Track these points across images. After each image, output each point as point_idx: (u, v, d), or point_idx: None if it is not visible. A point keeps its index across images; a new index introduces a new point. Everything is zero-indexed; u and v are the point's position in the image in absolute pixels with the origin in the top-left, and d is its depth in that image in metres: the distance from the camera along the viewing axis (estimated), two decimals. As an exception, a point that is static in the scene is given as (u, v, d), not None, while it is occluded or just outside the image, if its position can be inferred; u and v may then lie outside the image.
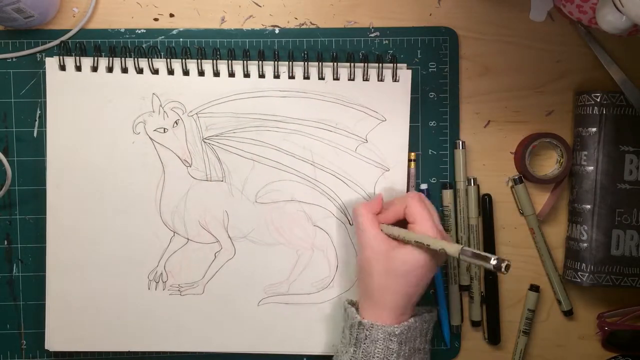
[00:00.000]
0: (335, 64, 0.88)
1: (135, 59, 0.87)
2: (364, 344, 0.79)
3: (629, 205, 0.90)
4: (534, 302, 0.93)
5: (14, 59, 0.89)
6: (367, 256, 0.81)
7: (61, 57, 0.87)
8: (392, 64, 0.88)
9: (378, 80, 0.88)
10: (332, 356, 0.88)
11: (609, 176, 0.89)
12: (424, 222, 0.79)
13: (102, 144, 0.87)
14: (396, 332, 0.79)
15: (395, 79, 0.88)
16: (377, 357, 0.78)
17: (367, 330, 0.79)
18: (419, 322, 0.82)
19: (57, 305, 0.89)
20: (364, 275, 0.82)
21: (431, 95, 0.92)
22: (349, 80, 0.88)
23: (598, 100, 0.89)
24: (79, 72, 0.87)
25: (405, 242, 0.80)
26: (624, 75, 0.90)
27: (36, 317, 0.90)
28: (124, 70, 0.87)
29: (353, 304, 0.86)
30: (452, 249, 0.73)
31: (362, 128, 0.89)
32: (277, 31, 0.91)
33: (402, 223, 0.83)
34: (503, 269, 0.68)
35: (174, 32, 0.90)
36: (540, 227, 0.93)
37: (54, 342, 0.89)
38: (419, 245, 0.78)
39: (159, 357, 0.92)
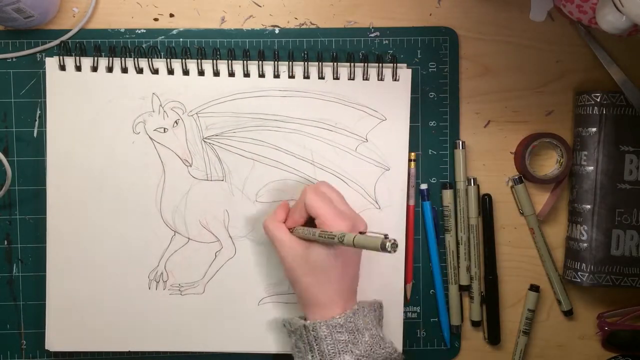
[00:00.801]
0: (335, 63, 0.88)
1: (135, 59, 0.87)
2: (316, 345, 0.78)
3: (629, 205, 0.90)
4: (534, 302, 0.93)
5: (14, 59, 0.89)
6: (287, 266, 0.81)
7: (61, 57, 0.87)
8: (392, 64, 0.88)
9: (378, 80, 0.88)
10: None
11: (609, 176, 0.89)
12: (323, 215, 0.79)
13: (102, 144, 0.87)
14: (340, 323, 0.78)
15: (395, 78, 0.88)
16: (333, 352, 0.77)
17: (312, 331, 0.79)
18: (367, 308, 0.81)
19: (57, 305, 0.89)
20: (292, 284, 0.83)
21: (431, 95, 0.92)
22: (349, 79, 0.88)
23: (598, 100, 0.89)
24: (79, 72, 0.87)
25: (311, 239, 0.79)
26: (624, 75, 0.90)
27: (36, 317, 0.90)
28: (124, 70, 0.87)
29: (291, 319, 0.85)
30: (347, 238, 0.72)
31: (362, 127, 0.89)
32: (277, 31, 0.91)
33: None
34: (389, 248, 0.67)
35: (174, 32, 0.90)
36: (540, 227, 0.93)
37: (54, 342, 0.89)
38: (325, 242, 0.77)
39: (159, 357, 0.92)
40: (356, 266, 0.82)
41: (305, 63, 0.88)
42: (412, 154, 0.91)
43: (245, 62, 0.88)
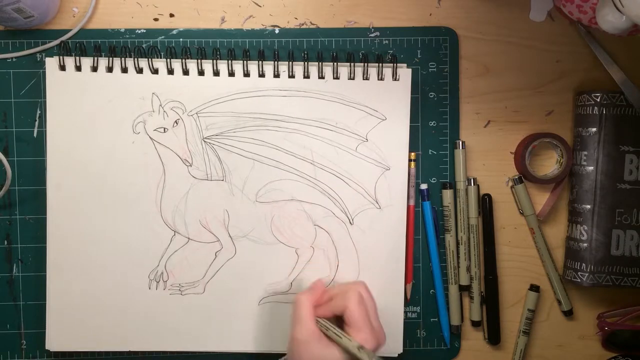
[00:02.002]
0: (335, 63, 0.88)
1: (135, 59, 0.87)
2: None
3: (629, 205, 0.90)
4: (534, 302, 0.94)
5: (14, 59, 0.89)
6: (298, 352, 0.79)
7: (61, 57, 0.87)
8: (392, 64, 0.88)
9: (378, 80, 0.88)
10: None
11: (609, 176, 0.89)
12: (362, 331, 0.78)
13: (102, 143, 0.87)
14: None
15: (395, 78, 0.88)
16: None
17: None
18: None
19: (57, 305, 0.89)
20: (289, 357, 0.81)
21: (431, 95, 0.92)
22: (349, 79, 0.88)
23: (598, 100, 0.89)
24: (78, 72, 0.87)
25: (334, 341, 0.79)
26: (624, 75, 0.91)
27: (36, 317, 0.90)
28: (124, 70, 0.87)
29: None
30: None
31: (363, 127, 0.89)
32: (277, 31, 0.91)
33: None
34: None
35: (174, 32, 0.90)
36: (540, 227, 0.93)
37: (54, 342, 0.89)
38: (345, 351, 0.77)
39: (159, 357, 0.92)
40: None
41: (305, 63, 0.88)
42: (412, 153, 0.91)
43: (245, 62, 0.88)
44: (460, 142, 0.91)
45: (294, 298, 0.83)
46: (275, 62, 0.88)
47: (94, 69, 0.87)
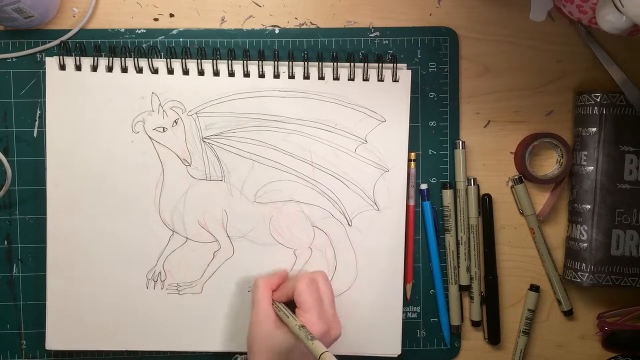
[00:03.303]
0: (335, 64, 0.88)
1: (135, 59, 0.87)
2: None
3: (629, 205, 0.90)
4: (534, 302, 0.93)
5: (14, 59, 0.89)
6: (252, 333, 0.81)
7: (61, 57, 0.87)
8: (392, 64, 0.88)
9: (378, 81, 0.88)
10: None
11: (609, 176, 0.89)
12: (309, 313, 0.80)
13: (102, 143, 0.88)
14: None
15: (395, 79, 0.88)
16: None
17: None
18: None
19: (57, 305, 0.89)
20: (249, 347, 0.82)
21: (431, 95, 0.92)
22: (348, 80, 0.88)
23: (598, 100, 0.89)
24: (78, 72, 0.87)
25: (285, 323, 0.80)
26: (624, 75, 0.90)
27: (36, 317, 0.90)
28: (124, 70, 0.87)
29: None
30: (316, 351, 0.74)
31: (362, 128, 0.89)
32: (277, 31, 0.91)
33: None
34: None
35: (174, 32, 0.90)
36: (540, 227, 0.93)
37: (54, 341, 0.89)
38: (296, 332, 0.78)
39: (158, 357, 0.92)
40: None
41: (305, 63, 0.88)
42: (412, 154, 0.91)
43: (245, 62, 0.88)
44: (460, 142, 0.91)
45: (254, 281, 0.86)
46: (275, 63, 0.88)
47: (94, 68, 0.87)
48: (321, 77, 0.88)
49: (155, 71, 0.88)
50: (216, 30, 0.90)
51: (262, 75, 0.88)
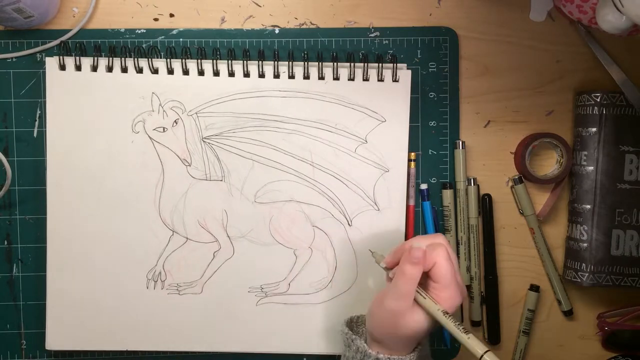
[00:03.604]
0: (335, 64, 0.88)
1: (135, 59, 0.87)
2: None
3: (629, 205, 0.90)
4: (534, 302, 0.93)
5: (14, 59, 0.89)
6: (389, 307, 0.76)
7: (61, 57, 0.87)
8: (392, 64, 0.88)
9: (378, 81, 0.88)
10: (331, 356, 0.88)
11: (609, 176, 0.89)
12: (449, 288, 0.75)
13: (102, 143, 0.88)
14: None
15: (395, 79, 0.88)
16: None
17: None
18: (425, 347, 0.80)
19: (57, 305, 0.89)
20: (374, 324, 0.79)
21: (431, 95, 0.92)
22: (348, 80, 0.88)
23: (598, 100, 0.89)
24: (78, 72, 0.87)
25: (425, 308, 0.76)
26: (624, 75, 0.90)
27: (36, 317, 0.90)
28: (124, 70, 0.87)
29: (355, 330, 0.84)
30: (476, 349, 0.72)
31: (362, 129, 0.89)
32: (277, 31, 0.91)
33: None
34: None
35: (174, 32, 0.90)
36: (540, 227, 0.93)
37: (54, 341, 0.89)
38: (442, 320, 0.74)
39: (158, 357, 0.92)
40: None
41: (305, 63, 0.88)
42: (412, 154, 0.91)
43: (245, 62, 0.88)
44: (460, 142, 0.91)
45: (401, 270, 0.76)
46: (275, 63, 0.88)
47: (94, 68, 0.87)
48: (321, 77, 0.88)
49: (155, 71, 0.88)
50: (216, 30, 0.90)
51: (262, 75, 0.88)
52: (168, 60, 0.87)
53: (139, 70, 0.87)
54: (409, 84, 0.89)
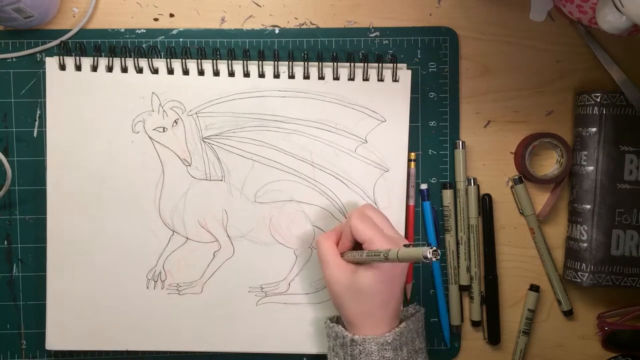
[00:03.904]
0: (335, 64, 0.88)
1: (135, 59, 0.87)
2: (359, 358, 0.78)
3: (629, 205, 0.90)
4: (534, 302, 0.93)
5: (14, 59, 0.89)
6: (333, 290, 0.80)
7: (61, 57, 0.87)
8: (392, 64, 0.88)
9: (378, 80, 0.88)
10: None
11: (609, 176, 0.89)
12: (369, 238, 0.78)
13: (102, 143, 0.88)
14: (389, 341, 0.77)
15: (395, 79, 0.88)
16: None
17: (360, 345, 0.78)
18: (411, 324, 0.81)
19: (57, 305, 0.89)
20: (337, 308, 0.81)
21: (431, 95, 0.92)
22: (348, 80, 0.88)
23: (598, 100, 0.89)
24: (78, 72, 0.87)
25: (363, 262, 0.78)
26: (624, 75, 0.90)
27: (36, 317, 0.90)
28: (124, 70, 0.87)
29: (336, 320, 0.85)
30: (392, 253, 0.71)
31: (362, 128, 0.89)
32: (277, 31, 0.91)
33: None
34: (430, 255, 0.64)
35: (174, 32, 0.90)
36: (540, 227, 0.93)
37: (54, 341, 0.89)
38: (372, 261, 0.76)
39: (158, 357, 0.92)
40: (401, 287, 0.80)
41: (305, 63, 0.88)
42: (412, 153, 0.91)
43: (245, 62, 0.88)
44: (460, 142, 0.91)
45: (316, 241, 0.84)
46: (275, 63, 0.88)
47: (94, 68, 0.87)
48: (321, 77, 0.88)
49: (155, 71, 0.88)
50: (216, 30, 0.90)
51: (262, 75, 0.88)
52: (168, 60, 0.87)
53: (139, 70, 0.87)
54: (409, 84, 0.89)
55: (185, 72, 0.88)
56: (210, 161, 0.88)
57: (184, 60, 0.87)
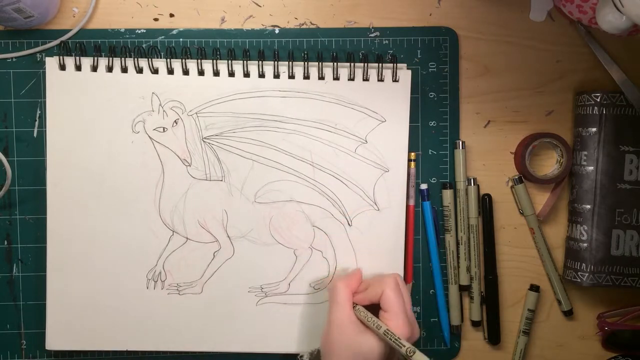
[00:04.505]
0: (335, 64, 0.88)
1: (135, 59, 0.87)
2: None
3: (629, 205, 0.90)
4: (534, 302, 0.93)
5: (14, 59, 0.89)
6: (334, 337, 0.80)
7: (61, 57, 0.87)
8: (392, 64, 0.88)
9: (378, 81, 0.88)
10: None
11: (609, 176, 0.89)
12: (397, 317, 0.78)
13: (102, 143, 0.88)
14: None
15: (395, 79, 0.88)
16: None
17: None
18: None
19: (57, 305, 0.89)
20: (327, 350, 0.81)
21: (431, 95, 0.92)
22: (348, 80, 0.88)
23: (598, 100, 0.89)
24: (78, 72, 0.87)
25: (371, 329, 0.79)
26: (624, 75, 0.90)
27: (36, 317, 0.90)
28: (124, 70, 0.87)
29: (317, 354, 0.85)
30: (416, 356, 0.73)
31: (362, 129, 0.89)
32: (277, 31, 0.91)
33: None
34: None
35: (174, 32, 0.90)
36: (540, 227, 0.93)
37: (54, 341, 0.89)
38: (384, 338, 0.77)
39: (158, 357, 0.92)
40: None
41: (305, 63, 0.88)
42: (412, 153, 0.91)
43: (245, 62, 0.88)
44: (460, 142, 0.91)
45: (331, 283, 0.86)
46: (275, 63, 0.88)
47: (94, 68, 0.87)
48: (321, 77, 0.88)
49: (155, 71, 0.87)
50: (216, 30, 0.90)
51: (262, 75, 0.88)
52: (168, 60, 0.87)
53: (139, 70, 0.87)
54: (409, 84, 0.89)
55: (185, 72, 0.88)
56: (210, 161, 0.88)
57: (184, 60, 0.87)
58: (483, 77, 0.92)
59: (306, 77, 0.88)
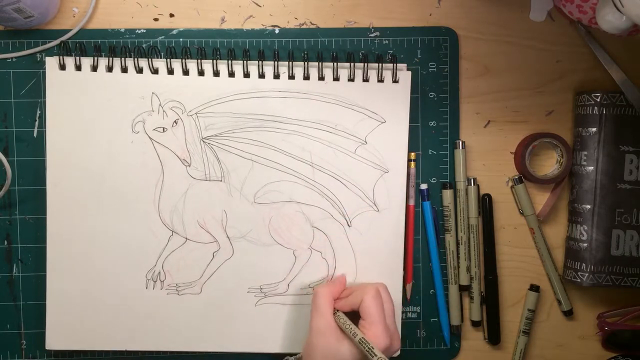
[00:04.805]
0: (335, 64, 0.88)
1: (135, 59, 0.87)
2: None
3: (629, 205, 0.90)
4: (534, 302, 0.93)
5: (14, 59, 0.89)
6: (313, 343, 0.81)
7: (61, 57, 0.87)
8: (392, 64, 0.88)
9: (378, 81, 0.88)
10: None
11: (609, 176, 0.89)
12: (374, 326, 0.79)
13: (102, 143, 0.88)
14: None
15: (395, 79, 0.88)
16: None
17: None
18: None
19: (57, 304, 0.89)
20: (306, 354, 0.82)
21: (431, 95, 0.92)
22: (348, 80, 0.88)
23: (598, 100, 0.89)
24: (78, 72, 0.87)
25: (348, 336, 0.79)
26: (624, 75, 0.90)
27: (36, 317, 0.90)
28: (124, 70, 0.87)
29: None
30: None
31: (362, 129, 0.89)
32: (277, 31, 0.91)
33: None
34: None
35: (174, 32, 0.90)
36: (540, 227, 0.93)
37: (54, 341, 0.89)
38: (358, 346, 0.77)
39: (158, 357, 0.92)
40: None
41: (305, 63, 0.88)
42: (412, 154, 0.91)
43: (245, 62, 0.88)
44: (460, 142, 0.91)
45: (314, 289, 0.85)
46: (275, 63, 0.88)
47: (94, 68, 0.87)
48: (321, 78, 0.88)
49: (155, 71, 0.88)
50: (216, 30, 0.90)
51: (262, 76, 0.88)
52: (168, 60, 0.87)
53: (139, 70, 0.87)
54: (409, 85, 0.89)
55: (185, 72, 0.88)
56: (210, 161, 0.88)
57: (184, 60, 0.87)
58: (483, 77, 0.92)
59: (306, 77, 0.88)
